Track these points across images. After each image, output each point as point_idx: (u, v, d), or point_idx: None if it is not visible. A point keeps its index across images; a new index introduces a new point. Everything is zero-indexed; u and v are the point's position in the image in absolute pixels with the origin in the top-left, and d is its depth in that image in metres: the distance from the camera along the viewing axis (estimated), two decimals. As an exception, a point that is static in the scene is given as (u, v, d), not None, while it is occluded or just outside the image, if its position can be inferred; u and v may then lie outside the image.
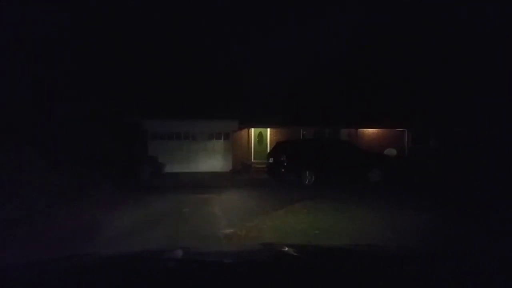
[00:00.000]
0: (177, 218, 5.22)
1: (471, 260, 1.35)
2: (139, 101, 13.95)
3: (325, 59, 15.88)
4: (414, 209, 5.54)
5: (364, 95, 15.04)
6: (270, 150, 10.60)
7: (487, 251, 3.19)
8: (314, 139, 13.71)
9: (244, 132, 14.45)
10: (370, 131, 14.96)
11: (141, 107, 13.93)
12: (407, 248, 2.13)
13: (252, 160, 14.27)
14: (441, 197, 6.91)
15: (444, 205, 5.96)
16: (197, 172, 13.34)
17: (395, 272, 1.10)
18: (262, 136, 14.92)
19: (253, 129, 14.61)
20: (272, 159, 9.62)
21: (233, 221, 4.93)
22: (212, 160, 14.10)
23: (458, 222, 4.77)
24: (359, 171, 9.18)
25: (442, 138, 14.85)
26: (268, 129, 14.78)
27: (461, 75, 15.47)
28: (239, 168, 13.49)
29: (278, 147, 9.90)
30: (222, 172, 13.65)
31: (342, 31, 16.82)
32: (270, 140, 14.50)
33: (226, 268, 1.15)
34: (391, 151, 14.11)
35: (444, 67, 15.92)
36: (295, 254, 1.46)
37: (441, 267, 1.16)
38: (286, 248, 1.57)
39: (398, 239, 3.95)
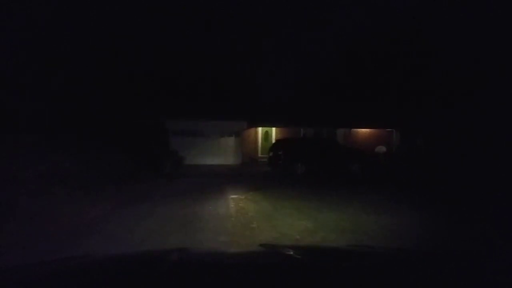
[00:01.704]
0: (199, 190, 8.00)
1: (471, 260, 1.42)
2: (160, 103, 16.85)
3: (324, 62, 18.35)
4: (370, 193, 8.13)
5: (358, 97, 17.45)
6: (271, 146, 13.31)
7: (488, 251, 3.58)
8: (307, 137, 16.39)
9: (252, 130, 17.19)
10: (363, 130, 17.45)
11: (162, 109, 16.84)
12: (406, 249, 2.27)
13: (259, 155, 16.99)
14: (410, 186, 9.05)
15: (406, 192, 8.11)
16: (211, 165, 16.12)
17: (395, 273, 1.14)
18: (268, 134, 17.62)
19: (260, 128, 17.32)
20: (272, 153, 12.35)
21: (238, 192, 7.68)
22: (224, 155, 16.88)
23: (397, 204, 7.30)
24: (341, 164, 11.78)
25: (428, 136, 17.15)
26: (273, 128, 17.46)
27: (447, 77, 17.65)
28: (247, 161, 16.25)
29: (277, 143, 12.65)
30: (232, 164, 16.40)
31: (341, 35, 19.19)
32: (275, 138, 17.16)
33: (225, 269, 1.19)
34: (381, 148, 16.60)
35: (430, 70, 18.09)
36: (294, 254, 1.51)
37: (440, 267, 1.20)
38: (286, 249, 1.62)
39: (338, 203, 6.60)
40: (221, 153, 16.96)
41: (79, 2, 14.65)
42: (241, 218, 5.26)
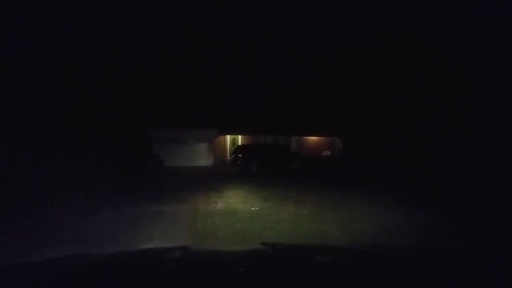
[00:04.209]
0: (181, 182, 12.64)
1: (471, 260, 1.51)
2: (144, 113, 21.30)
3: (283, 78, 23.32)
4: (295, 181, 13.02)
5: (310, 109, 22.48)
6: (232, 150, 18.11)
7: (488, 251, 3.97)
8: (260, 143, 21.47)
9: (222, 138, 21.92)
10: (312, 138, 22.55)
11: (145, 118, 21.30)
12: (406, 248, 2.46)
13: (228, 158, 21.72)
14: (331, 179, 14.28)
15: (332, 185, 13.31)
16: (188, 166, 20.66)
17: (395, 272, 1.20)
18: (235, 141, 22.43)
19: (228, 135, 22.08)
20: (233, 156, 17.15)
21: (209, 182, 12.40)
22: (198, 158, 21.47)
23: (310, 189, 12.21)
24: (285, 163, 16.71)
25: (365, 142, 22.41)
26: (240, 136, 22.27)
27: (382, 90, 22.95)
28: (217, 163, 20.94)
29: (237, 148, 17.51)
30: (205, 166, 21.01)
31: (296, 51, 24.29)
32: (241, 143, 21.95)
33: (225, 267, 1.26)
34: (326, 152, 21.72)
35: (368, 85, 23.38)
36: (294, 253, 1.60)
37: (439, 267, 1.27)
38: (286, 248, 1.74)
39: (265, 184, 11.44)
40: (196, 157, 21.53)
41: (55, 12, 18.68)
42: (204, 191, 9.98)
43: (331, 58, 23.75)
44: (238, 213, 6.71)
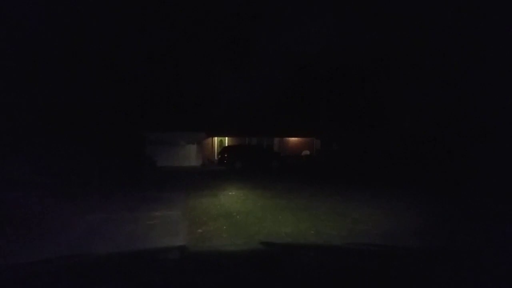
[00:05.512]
0: (174, 179, 15.13)
1: (469, 259, 1.56)
2: (137, 117, 23.69)
3: (267, 84, 25.96)
4: (272, 177, 15.63)
5: (290, 113, 25.13)
6: (219, 151, 20.68)
7: (486, 251, 4.18)
8: (244, 144, 24.11)
9: (209, 139, 24.45)
10: (293, 139, 25.24)
11: (139, 122, 23.69)
12: (406, 248, 2.51)
13: (215, 158, 24.23)
14: (304, 175, 16.95)
15: (299, 179, 15.97)
16: (178, 166, 23.10)
17: (394, 271, 1.24)
18: (222, 142, 24.96)
19: (215, 137, 24.61)
20: (220, 156, 19.73)
21: (197, 179, 14.92)
22: (188, 158, 23.95)
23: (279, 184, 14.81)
24: (266, 162, 19.32)
25: (341, 143, 25.17)
26: (226, 138, 24.82)
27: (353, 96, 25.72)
28: (206, 163, 23.46)
29: (223, 149, 20.15)
30: (194, 166, 23.51)
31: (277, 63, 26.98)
32: (227, 144, 24.49)
33: (224, 267, 1.29)
34: (306, 152, 24.41)
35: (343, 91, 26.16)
36: (294, 252, 1.66)
37: (439, 266, 1.30)
38: (285, 247, 1.83)
39: (244, 178, 14.02)
40: (186, 157, 24.02)
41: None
42: (193, 185, 12.50)
43: (311, 64, 26.55)
44: (218, 196, 9.29)
